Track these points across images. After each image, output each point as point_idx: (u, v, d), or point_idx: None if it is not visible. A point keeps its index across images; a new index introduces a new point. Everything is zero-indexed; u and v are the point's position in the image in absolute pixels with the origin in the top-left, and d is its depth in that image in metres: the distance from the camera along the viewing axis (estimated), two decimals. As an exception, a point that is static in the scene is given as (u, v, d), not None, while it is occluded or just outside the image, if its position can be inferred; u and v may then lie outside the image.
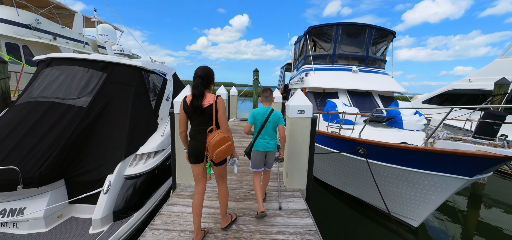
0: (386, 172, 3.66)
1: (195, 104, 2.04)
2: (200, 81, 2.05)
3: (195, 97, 2.05)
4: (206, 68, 2.14)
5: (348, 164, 4.34)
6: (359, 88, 6.48)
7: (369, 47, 7.25)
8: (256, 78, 12.27)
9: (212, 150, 1.95)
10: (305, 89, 7.23)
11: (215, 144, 1.94)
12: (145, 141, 4.22)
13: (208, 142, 1.96)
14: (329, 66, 7.34)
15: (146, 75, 5.01)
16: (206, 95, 2.09)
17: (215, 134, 1.99)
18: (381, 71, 7.45)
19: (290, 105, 2.96)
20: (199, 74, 2.07)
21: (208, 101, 2.07)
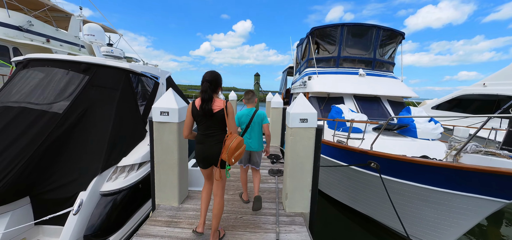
0: (404, 190, 3.16)
1: (205, 108, 2.05)
2: (208, 85, 2.07)
3: (204, 101, 2.05)
4: (214, 72, 2.15)
5: (358, 178, 3.83)
6: (367, 93, 5.99)
7: (376, 49, 6.78)
8: (257, 83, 11.87)
9: (231, 154, 1.96)
10: (307, 93, 6.76)
11: (235, 148, 1.97)
12: (129, 151, 3.78)
13: (228, 146, 1.97)
14: (334, 69, 6.88)
15: (135, 78, 4.60)
16: (214, 99, 2.10)
17: (232, 138, 2.01)
18: (389, 75, 6.96)
19: (290, 113, 2.45)
20: (207, 79, 2.08)
21: (218, 105, 2.08)
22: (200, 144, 2.16)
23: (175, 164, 2.63)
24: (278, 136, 5.85)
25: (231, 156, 1.97)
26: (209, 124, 2.10)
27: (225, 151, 1.97)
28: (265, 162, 4.54)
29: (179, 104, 2.67)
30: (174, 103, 2.54)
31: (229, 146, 1.96)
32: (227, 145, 1.98)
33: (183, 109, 2.70)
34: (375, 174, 3.32)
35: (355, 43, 6.86)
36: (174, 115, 2.52)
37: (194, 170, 3.47)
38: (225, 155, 1.97)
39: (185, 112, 2.61)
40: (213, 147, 2.08)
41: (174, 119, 2.55)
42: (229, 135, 2.05)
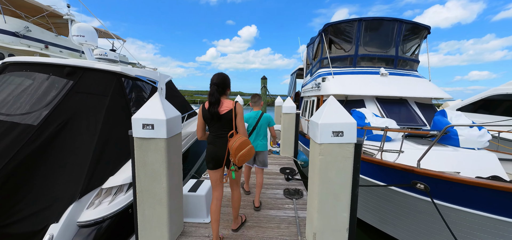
0: (463, 219, 2.42)
1: (212, 110, 2.06)
2: (215, 88, 2.07)
3: (211, 104, 2.06)
4: (221, 75, 2.15)
5: (395, 200, 3.10)
6: (391, 94, 5.26)
7: (398, 45, 6.06)
8: (264, 86, 11.27)
9: (234, 154, 1.97)
10: (322, 96, 6.08)
11: (237, 148, 1.96)
12: (118, 169, 3.19)
13: (230, 146, 1.99)
14: (351, 69, 6.18)
15: (128, 82, 4.05)
16: (222, 101, 2.10)
17: (236, 138, 2.01)
18: (413, 74, 6.20)
19: (318, 123, 1.77)
20: (215, 82, 2.08)
21: (226, 107, 2.09)
22: (211, 144, 2.17)
23: (164, 194, 1.92)
24: (291, 145, 5.18)
25: (234, 156, 1.97)
26: (219, 126, 2.12)
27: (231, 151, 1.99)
28: (279, 179, 3.91)
29: (169, 113, 1.99)
30: (160, 113, 1.85)
31: (231, 146, 1.97)
32: (229, 145, 2.00)
33: (174, 120, 2.03)
34: (422, 198, 2.60)
35: (374, 40, 6.16)
36: (161, 129, 1.84)
37: (191, 196, 2.74)
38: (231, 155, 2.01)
39: (178, 124, 2.02)
40: (223, 149, 2.10)
41: (161, 133, 1.86)
42: (233, 134, 2.05)
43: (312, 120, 1.93)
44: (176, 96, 6.03)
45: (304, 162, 4.89)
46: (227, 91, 2.17)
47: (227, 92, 2.18)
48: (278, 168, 4.29)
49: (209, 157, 2.17)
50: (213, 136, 2.14)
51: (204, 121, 2.16)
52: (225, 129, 2.10)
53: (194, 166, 6.71)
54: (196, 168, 6.92)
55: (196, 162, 7.03)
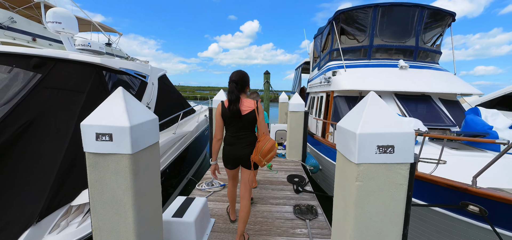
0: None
1: (232, 108, 1.96)
2: (235, 86, 1.99)
3: (231, 102, 1.97)
4: (240, 72, 2.07)
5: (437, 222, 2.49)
6: (413, 90, 4.63)
7: (419, 34, 5.39)
8: (267, 81, 10.63)
9: (264, 156, 1.92)
10: (332, 92, 5.47)
11: (268, 151, 1.92)
12: None
13: (261, 148, 1.93)
14: (365, 61, 5.54)
15: (111, 77, 3.50)
16: (242, 99, 2.02)
17: (266, 140, 1.96)
18: (435, 66, 5.55)
19: (356, 133, 1.15)
20: (233, 79, 2.00)
21: (248, 106, 2.00)
22: (230, 145, 2.07)
23: (131, 232, 1.28)
24: (298, 148, 4.59)
25: (264, 158, 1.93)
26: (239, 126, 2.02)
27: (258, 153, 1.94)
28: (287, 190, 3.17)
29: (136, 117, 1.31)
30: (122, 116, 1.23)
31: (262, 148, 1.92)
32: (260, 147, 1.94)
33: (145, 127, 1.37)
34: (476, 224, 2.02)
35: (391, 29, 5.49)
36: (122, 140, 1.22)
37: (176, 224, 2.03)
38: (257, 157, 1.94)
39: (153, 131, 1.46)
40: (244, 149, 2.02)
41: (123, 146, 1.23)
42: (262, 136, 2.00)
43: (342, 127, 1.34)
44: (171, 92, 5.46)
45: (314, 167, 4.32)
46: (246, 89, 2.08)
47: (247, 90, 2.09)
48: (284, 175, 3.72)
49: (227, 159, 2.11)
50: (232, 137, 2.05)
51: (222, 121, 2.05)
52: (244, 129, 2.02)
53: (192, 168, 6.18)
54: (195, 170, 6.39)
55: (195, 163, 6.50)
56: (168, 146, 4.27)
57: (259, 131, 2.03)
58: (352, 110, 1.40)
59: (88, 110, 2.96)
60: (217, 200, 2.90)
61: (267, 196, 3.00)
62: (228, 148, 2.07)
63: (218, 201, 2.88)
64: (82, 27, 10.97)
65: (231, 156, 2.06)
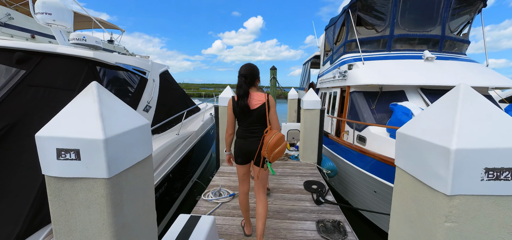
0: None
1: (241, 103, 1.92)
2: (243, 80, 1.93)
3: (240, 97, 1.93)
4: (249, 65, 2.01)
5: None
6: (441, 84, 4.14)
7: (446, 22, 4.86)
8: (274, 77, 10.19)
9: (270, 151, 1.82)
10: (348, 87, 5.01)
11: (274, 145, 1.82)
12: None
13: (266, 142, 1.84)
14: (384, 53, 5.05)
15: (106, 73, 3.14)
16: (252, 94, 1.96)
17: (272, 134, 1.86)
18: (463, 57, 5.01)
19: (451, 149, 0.72)
20: (242, 73, 1.95)
21: (258, 100, 1.94)
22: (242, 139, 2.03)
23: None
24: (313, 150, 4.15)
25: (270, 153, 1.83)
26: (251, 121, 1.96)
27: (264, 148, 1.84)
28: (305, 200, 2.70)
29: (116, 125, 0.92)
30: (94, 126, 0.83)
31: (268, 142, 1.82)
32: (266, 141, 1.85)
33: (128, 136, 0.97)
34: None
35: (415, 16, 4.97)
36: (95, 158, 0.83)
37: None
38: (265, 152, 1.84)
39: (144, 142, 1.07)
40: (256, 144, 1.96)
41: (96, 168, 0.84)
42: (268, 130, 1.92)
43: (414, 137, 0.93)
44: (173, 89, 5.09)
45: (331, 170, 3.90)
46: (256, 82, 2.01)
47: (257, 83, 2.02)
48: (300, 181, 3.32)
49: (238, 152, 2.05)
50: (244, 130, 2.02)
51: (234, 116, 2.01)
52: (256, 123, 1.97)
53: (198, 169, 5.83)
54: (200, 172, 6.04)
55: (201, 164, 6.15)
56: (171, 148, 3.92)
57: (271, 125, 1.97)
58: (429, 110, 0.98)
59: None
60: (226, 214, 2.52)
61: (284, 209, 2.60)
62: (240, 141, 2.04)
63: (227, 216, 2.49)
64: (83, 24, 10.70)
65: (243, 150, 2.01)
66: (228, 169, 3.86)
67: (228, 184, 3.24)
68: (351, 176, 4.13)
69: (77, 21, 9.93)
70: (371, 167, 3.55)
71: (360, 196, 3.95)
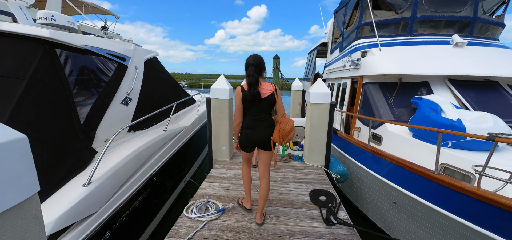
0: None
1: (252, 92, 2.00)
2: (254, 69, 2.01)
3: (251, 85, 2.00)
4: (257, 56, 2.10)
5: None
6: (474, 74, 3.49)
7: (479, 2, 4.13)
8: (276, 67, 9.53)
9: (286, 136, 2.00)
10: (361, 77, 4.38)
11: (290, 130, 2.01)
12: (45, 200, 1.86)
13: (283, 128, 2.00)
14: (405, 38, 4.37)
15: (69, 57, 2.58)
16: (261, 83, 2.06)
17: (287, 121, 2.02)
18: (496, 43, 4.31)
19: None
20: (252, 63, 2.03)
21: (267, 89, 2.06)
22: (250, 129, 2.10)
23: None
24: (321, 151, 3.55)
25: (286, 138, 2.00)
26: (259, 109, 2.07)
27: (280, 133, 1.99)
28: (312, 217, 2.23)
29: None
30: None
31: (284, 128, 1.98)
32: (282, 127, 1.99)
33: None
34: None
35: (440, -5, 4.26)
36: None
37: None
38: (279, 137, 2.00)
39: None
40: (265, 131, 2.08)
41: None
42: (282, 117, 2.05)
43: None
44: (162, 79, 4.52)
45: (340, 175, 3.33)
46: (263, 72, 2.11)
47: (263, 73, 2.11)
48: (305, 190, 2.77)
49: (247, 141, 2.13)
50: (252, 120, 2.08)
51: (242, 105, 2.07)
52: (264, 112, 2.08)
53: (192, 166, 5.33)
54: (194, 171, 5.54)
55: (195, 162, 5.64)
56: (156, 147, 3.39)
57: (278, 113, 2.10)
58: None
59: (29, 106, 2.08)
60: (212, 237, 1.99)
61: (285, 232, 2.03)
62: (248, 131, 2.11)
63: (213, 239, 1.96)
64: (72, 10, 10.03)
65: (252, 139, 2.11)
66: (220, 173, 3.33)
67: (218, 194, 2.70)
68: (363, 181, 3.58)
69: (67, 6, 9.29)
70: (389, 172, 2.98)
71: (375, 206, 3.39)
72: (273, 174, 3.34)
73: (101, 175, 2.27)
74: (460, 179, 2.47)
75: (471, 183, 2.35)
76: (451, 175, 2.50)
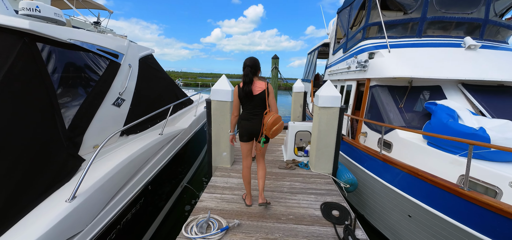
0: None
1: (246, 89, 2.29)
2: (249, 70, 2.30)
3: (245, 83, 2.29)
4: (253, 58, 2.38)
5: None
6: (488, 78, 3.33)
7: (491, 3, 3.99)
8: (275, 67, 9.29)
9: (269, 129, 2.22)
10: (368, 80, 4.19)
11: (272, 123, 2.21)
12: (18, 219, 1.57)
13: (266, 122, 2.24)
14: (414, 39, 4.20)
15: (51, 52, 2.28)
16: (255, 81, 2.34)
17: (270, 115, 2.26)
18: (506, 46, 4.18)
19: None
20: (248, 64, 2.32)
21: (260, 87, 2.32)
22: (247, 121, 2.39)
23: None
24: (328, 158, 3.30)
25: (269, 130, 2.22)
26: (253, 104, 2.34)
27: (264, 126, 2.26)
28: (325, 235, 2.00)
29: None
30: None
31: (267, 122, 2.22)
32: (265, 121, 2.26)
33: None
34: None
35: (451, -4, 4.10)
36: None
37: None
38: (265, 130, 2.26)
39: None
40: (258, 124, 2.33)
41: None
42: (267, 112, 2.31)
43: None
44: (158, 78, 4.23)
45: (350, 184, 3.12)
46: (258, 72, 2.38)
47: (258, 73, 2.39)
48: (315, 202, 2.55)
49: (244, 132, 2.41)
50: (248, 113, 2.39)
51: (239, 100, 2.40)
52: (258, 107, 2.35)
53: (189, 171, 5.04)
54: (191, 175, 5.26)
55: (193, 165, 5.36)
56: (152, 152, 3.12)
57: (270, 108, 2.34)
58: None
59: (2, 107, 1.79)
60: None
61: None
62: (245, 123, 2.39)
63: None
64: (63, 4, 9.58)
65: (248, 129, 2.37)
66: (221, 183, 3.06)
67: (220, 207, 2.44)
68: (371, 189, 3.37)
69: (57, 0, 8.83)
70: (400, 182, 2.78)
71: (386, 217, 3.19)
72: (278, 184, 3.10)
73: (89, 187, 1.99)
74: (483, 193, 2.29)
75: (497, 198, 2.16)
76: (473, 188, 2.31)
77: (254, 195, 2.71)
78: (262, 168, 2.51)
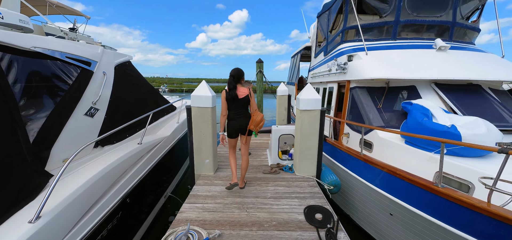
0: None
1: (231, 94, 2.85)
2: (232, 79, 2.88)
3: (230, 90, 2.85)
4: (237, 69, 2.94)
5: None
6: (458, 77, 3.52)
7: (457, 7, 4.25)
8: (260, 71, 9.32)
9: (257, 125, 2.88)
10: (348, 82, 4.28)
11: (260, 121, 2.89)
12: None
13: (253, 120, 2.88)
14: (389, 41, 4.36)
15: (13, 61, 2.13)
16: (239, 88, 2.91)
17: (257, 114, 2.90)
18: (473, 47, 4.45)
19: None
20: (232, 74, 2.90)
21: (243, 92, 2.89)
22: (233, 120, 2.95)
23: None
24: (312, 160, 3.32)
25: (257, 126, 2.88)
26: (238, 106, 2.91)
27: (253, 124, 2.88)
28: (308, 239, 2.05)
29: None
30: None
31: (255, 120, 2.87)
32: (253, 119, 2.88)
33: None
34: None
35: (422, 1, 4.32)
36: None
37: None
38: (252, 126, 2.89)
39: None
40: (243, 122, 2.92)
41: None
42: (254, 112, 2.92)
43: None
44: (137, 85, 4.08)
45: (334, 186, 3.15)
46: (241, 80, 2.96)
47: (242, 81, 2.96)
48: (299, 206, 2.54)
49: (231, 129, 2.97)
50: (234, 113, 2.94)
51: (226, 102, 2.91)
52: (242, 108, 2.93)
53: (173, 180, 4.88)
54: (176, 184, 5.10)
55: (177, 173, 5.20)
56: (129, 163, 2.98)
57: (251, 109, 2.97)
58: None
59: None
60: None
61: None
62: (232, 122, 2.96)
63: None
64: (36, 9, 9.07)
65: (235, 127, 2.94)
66: (203, 191, 2.98)
67: (201, 218, 2.36)
68: (355, 190, 3.43)
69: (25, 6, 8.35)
70: (381, 181, 2.85)
71: (369, 215, 3.25)
72: (263, 189, 3.07)
73: (56, 204, 1.85)
74: (457, 188, 2.38)
75: (469, 193, 2.26)
76: (448, 183, 2.40)
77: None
78: (245, 161, 3.07)
